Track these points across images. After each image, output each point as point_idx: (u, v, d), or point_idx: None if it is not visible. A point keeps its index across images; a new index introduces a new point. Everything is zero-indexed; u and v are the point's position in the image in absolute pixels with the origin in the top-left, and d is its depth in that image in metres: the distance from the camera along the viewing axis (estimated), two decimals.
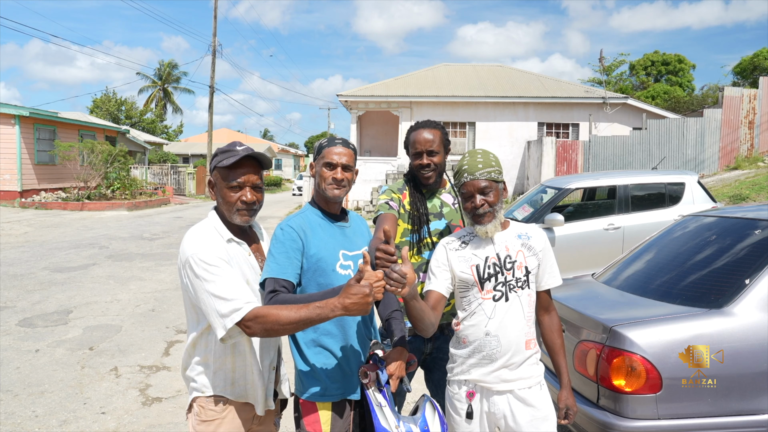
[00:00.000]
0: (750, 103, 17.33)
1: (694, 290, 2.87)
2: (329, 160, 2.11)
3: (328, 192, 2.10)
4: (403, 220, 2.51)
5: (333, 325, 2.04)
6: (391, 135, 21.87)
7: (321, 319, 1.72)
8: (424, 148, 2.46)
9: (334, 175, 2.10)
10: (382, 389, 1.96)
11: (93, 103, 43.89)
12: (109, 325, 6.11)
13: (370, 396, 1.93)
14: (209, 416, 1.95)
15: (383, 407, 1.90)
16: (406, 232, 2.50)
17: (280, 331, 1.75)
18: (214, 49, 28.25)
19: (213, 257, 1.81)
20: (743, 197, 11.74)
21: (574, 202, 9.29)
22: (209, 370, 1.95)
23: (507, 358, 2.02)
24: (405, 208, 2.52)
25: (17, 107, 20.00)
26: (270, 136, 78.21)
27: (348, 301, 1.67)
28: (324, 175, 2.11)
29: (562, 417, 2.13)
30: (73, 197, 19.89)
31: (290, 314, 1.72)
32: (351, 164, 2.15)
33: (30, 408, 4.04)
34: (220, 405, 1.96)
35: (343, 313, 1.69)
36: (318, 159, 2.17)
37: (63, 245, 11.05)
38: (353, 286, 1.68)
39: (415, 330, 2.11)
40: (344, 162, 2.12)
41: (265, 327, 1.74)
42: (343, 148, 2.14)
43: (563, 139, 18.32)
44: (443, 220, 2.54)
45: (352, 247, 2.15)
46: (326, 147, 2.15)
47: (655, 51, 39.10)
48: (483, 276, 2.05)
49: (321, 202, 2.17)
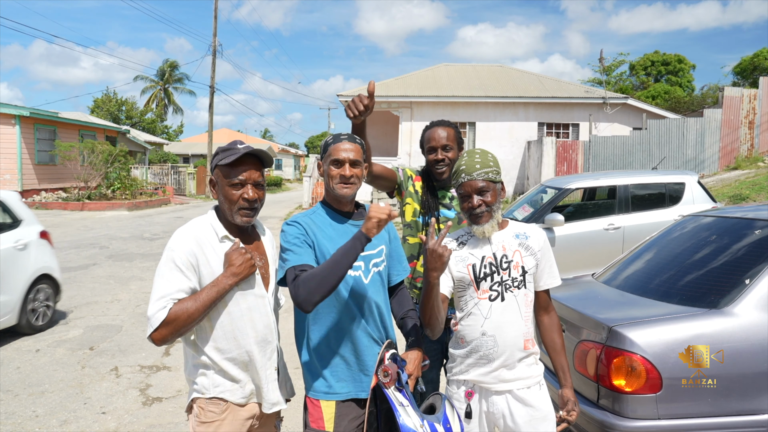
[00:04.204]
0: (750, 103, 17.32)
1: (694, 290, 2.87)
2: (336, 157, 2.03)
3: (337, 191, 2.03)
4: (414, 200, 2.65)
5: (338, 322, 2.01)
6: (391, 135, 21.86)
7: (220, 293, 1.85)
8: (439, 144, 2.61)
9: (342, 173, 2.02)
10: (402, 389, 1.93)
11: (94, 103, 43.96)
12: (109, 325, 6.12)
13: (391, 396, 1.90)
14: (208, 417, 1.94)
15: (406, 407, 1.88)
16: (416, 213, 2.64)
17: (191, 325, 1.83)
18: (215, 49, 28.28)
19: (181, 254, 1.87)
20: (743, 197, 11.73)
21: (574, 202, 9.29)
22: (209, 371, 1.94)
23: (504, 358, 2.02)
24: (416, 189, 2.66)
25: (17, 107, 20.01)
26: (270, 136, 78.20)
27: (232, 268, 1.86)
28: (332, 174, 2.04)
29: (567, 413, 2.12)
30: (74, 197, 19.90)
31: (194, 303, 1.83)
32: (359, 159, 2.06)
33: (30, 408, 4.04)
34: (219, 406, 1.95)
35: (234, 279, 1.86)
36: (325, 158, 2.08)
37: (63, 245, 11.04)
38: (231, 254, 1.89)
39: (424, 330, 2.09)
40: (352, 158, 2.03)
41: (176, 327, 1.81)
42: (350, 144, 2.05)
43: (563, 139, 18.32)
44: (453, 210, 2.64)
45: None
46: (332, 144, 2.06)
47: (655, 51, 39.10)
48: (479, 276, 2.05)
49: (332, 201, 2.10)
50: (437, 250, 1.86)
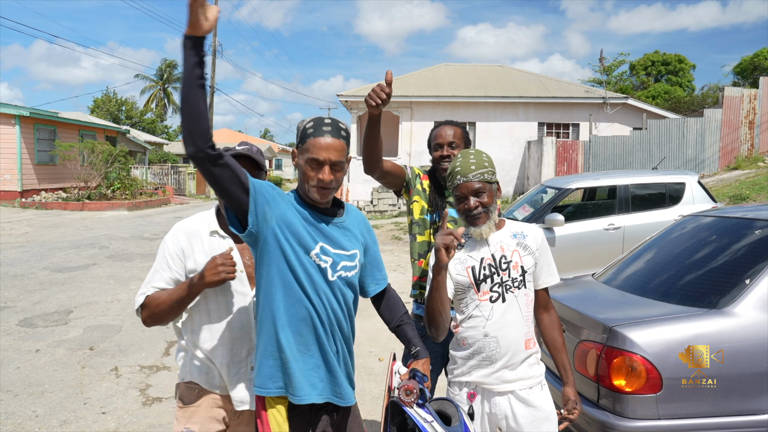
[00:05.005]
0: (750, 103, 17.32)
1: (694, 290, 2.87)
2: (315, 157, 1.72)
3: (311, 194, 1.76)
4: (422, 197, 2.67)
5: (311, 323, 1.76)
6: (391, 135, 21.85)
7: (190, 295, 1.88)
8: (446, 141, 2.64)
9: (320, 177, 1.72)
10: (423, 405, 1.84)
11: (93, 103, 43.97)
12: (109, 325, 6.11)
13: (414, 415, 1.79)
14: (186, 403, 2.03)
15: (432, 422, 1.80)
16: (424, 210, 2.66)
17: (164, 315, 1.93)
18: (215, 50, 28.27)
19: (170, 245, 1.99)
20: (743, 197, 11.73)
21: (574, 202, 9.29)
22: (188, 356, 2.04)
23: (507, 359, 2.02)
24: (423, 188, 2.68)
25: (17, 107, 20.00)
26: (270, 136, 78.24)
27: (207, 273, 1.86)
28: (308, 174, 1.74)
29: (569, 412, 2.11)
30: (74, 197, 19.89)
31: (164, 296, 1.92)
32: (341, 159, 1.74)
33: (30, 408, 4.04)
34: (195, 392, 2.02)
35: (203, 286, 1.87)
36: (302, 150, 1.77)
37: (63, 245, 11.04)
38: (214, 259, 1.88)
39: (428, 332, 2.07)
40: (334, 159, 1.72)
41: (150, 313, 1.94)
42: (333, 140, 1.73)
43: (563, 139, 18.32)
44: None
45: (335, 245, 1.81)
46: (312, 137, 1.74)
47: (656, 51, 39.08)
48: (479, 278, 2.05)
49: (305, 196, 1.81)
50: (440, 238, 1.86)
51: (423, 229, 2.65)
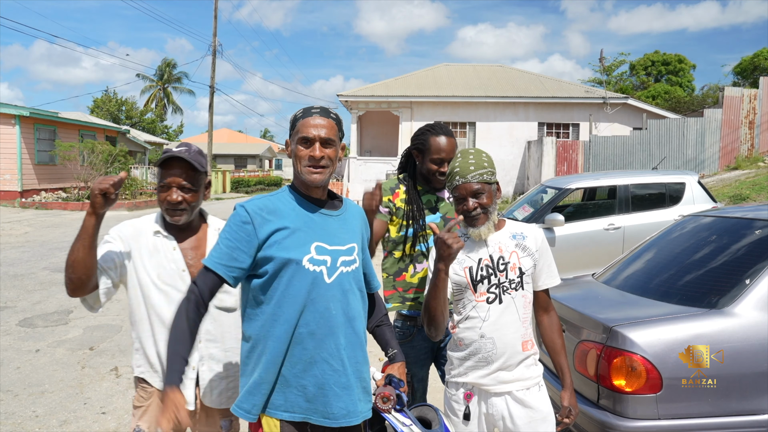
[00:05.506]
0: (750, 103, 17.32)
1: (694, 290, 2.87)
2: (305, 135, 1.70)
3: (305, 176, 1.72)
4: (398, 216, 2.56)
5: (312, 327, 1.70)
6: (391, 135, 21.86)
7: (87, 225, 1.81)
8: (449, 157, 2.48)
9: (311, 153, 1.70)
10: (401, 409, 1.84)
11: (93, 103, 43.97)
12: (109, 325, 6.12)
13: (393, 420, 1.79)
14: (139, 401, 2.04)
15: (411, 426, 1.80)
16: (402, 228, 2.56)
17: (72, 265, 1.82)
18: (215, 49, 28.28)
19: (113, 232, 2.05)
20: (743, 197, 11.73)
21: (574, 202, 9.29)
22: (138, 354, 2.05)
23: (504, 360, 2.01)
24: (396, 207, 2.57)
25: (17, 107, 20.00)
26: (270, 136, 78.13)
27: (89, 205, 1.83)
28: (300, 154, 1.72)
29: (564, 417, 2.11)
30: (74, 197, 19.90)
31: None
32: (333, 138, 1.73)
33: (30, 408, 4.04)
34: (146, 390, 2.03)
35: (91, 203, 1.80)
36: (293, 135, 1.75)
37: (63, 245, 11.04)
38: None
39: (427, 332, 2.07)
40: (323, 135, 1.71)
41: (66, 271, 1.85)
42: (322, 119, 1.72)
43: (563, 139, 18.32)
44: (438, 214, 2.59)
45: (332, 240, 1.75)
46: (301, 119, 1.73)
47: (656, 51, 39.09)
48: (476, 278, 2.04)
49: (301, 186, 1.78)
50: (442, 237, 1.83)
51: (400, 245, 2.58)
